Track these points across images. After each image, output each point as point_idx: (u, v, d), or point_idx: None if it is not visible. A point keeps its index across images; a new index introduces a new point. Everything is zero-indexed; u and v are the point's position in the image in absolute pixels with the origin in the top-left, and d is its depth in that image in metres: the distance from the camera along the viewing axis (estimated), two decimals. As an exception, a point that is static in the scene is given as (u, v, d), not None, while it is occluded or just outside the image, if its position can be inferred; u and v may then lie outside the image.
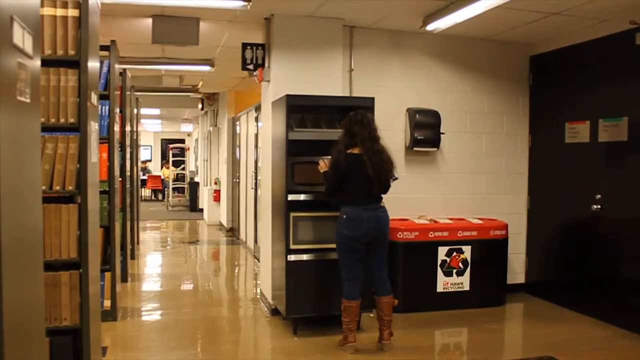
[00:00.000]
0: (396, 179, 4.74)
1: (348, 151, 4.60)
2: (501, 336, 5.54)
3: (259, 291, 6.65)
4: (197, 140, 19.94)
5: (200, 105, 13.50)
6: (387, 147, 4.69)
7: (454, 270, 5.89)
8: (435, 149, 6.21)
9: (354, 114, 4.66)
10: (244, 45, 5.80)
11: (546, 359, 4.57)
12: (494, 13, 5.11)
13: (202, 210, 15.28)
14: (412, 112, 6.11)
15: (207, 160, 15.53)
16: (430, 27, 5.61)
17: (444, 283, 5.87)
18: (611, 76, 5.59)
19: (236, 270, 8.85)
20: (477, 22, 5.48)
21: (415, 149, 6.12)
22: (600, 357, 4.76)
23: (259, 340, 5.45)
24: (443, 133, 6.16)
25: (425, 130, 6.09)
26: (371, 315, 5.23)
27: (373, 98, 5.19)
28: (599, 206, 5.61)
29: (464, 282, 5.92)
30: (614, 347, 4.97)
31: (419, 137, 6.06)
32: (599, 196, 5.61)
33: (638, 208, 5.24)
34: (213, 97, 13.26)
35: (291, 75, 5.61)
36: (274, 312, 5.63)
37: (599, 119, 5.65)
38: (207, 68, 8.13)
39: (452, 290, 5.89)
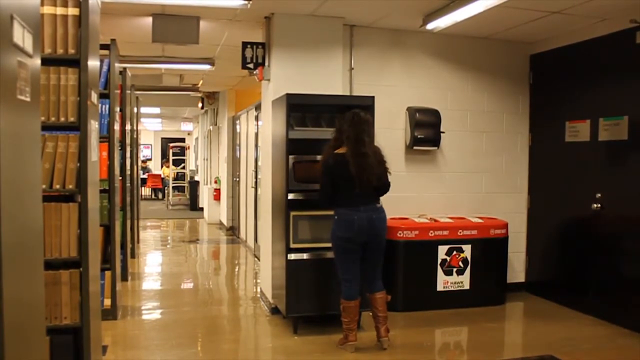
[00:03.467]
0: (384, 183, 4.67)
1: (336, 151, 4.60)
2: (501, 335, 5.53)
3: (259, 290, 6.66)
4: (197, 139, 19.95)
5: (200, 104, 13.50)
6: (378, 150, 4.62)
7: (454, 269, 5.88)
8: (436, 147, 6.20)
9: (347, 113, 4.63)
10: (244, 44, 5.79)
11: (547, 358, 4.57)
12: (494, 12, 5.11)
13: (202, 209, 15.28)
14: (412, 111, 6.11)
15: (207, 159, 15.52)
16: (430, 26, 5.60)
17: (444, 282, 5.87)
18: (611, 75, 5.59)
19: (236, 269, 8.86)
20: (477, 21, 5.47)
21: (415, 147, 6.12)
22: (601, 356, 4.77)
23: (259, 339, 5.45)
24: (443, 132, 6.16)
25: (426, 129, 6.09)
26: (371, 314, 5.23)
27: (373, 97, 5.19)
28: (599, 205, 5.60)
29: (464, 281, 5.92)
30: (615, 346, 4.97)
31: (419, 136, 6.06)
32: (599, 195, 5.61)
33: (638, 207, 5.24)
34: (213, 96, 13.25)
35: (291, 74, 5.61)
36: (274, 311, 5.63)
37: (599, 117, 5.64)
38: (207, 67, 8.13)
39: (452, 289, 5.89)
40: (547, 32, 6.11)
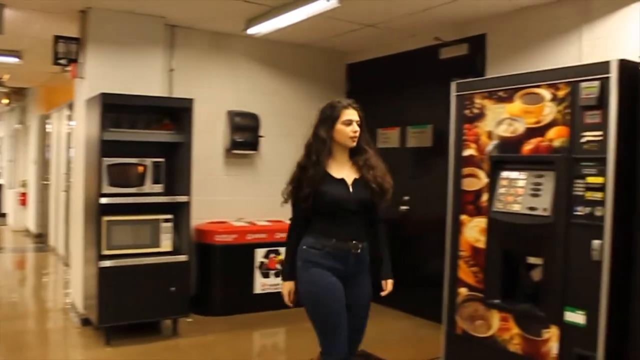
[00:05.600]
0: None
1: None
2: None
3: (69, 301, 6.26)
4: (1, 138, 18.39)
5: (5, 101, 12.47)
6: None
7: (272, 272, 5.98)
8: (255, 151, 6.28)
9: None
10: (56, 38, 5.45)
11: (359, 353, 4.79)
12: (314, 21, 5.26)
13: (6, 215, 14.17)
14: (232, 115, 6.14)
15: (13, 161, 14.40)
16: (252, 30, 5.67)
17: (261, 284, 5.94)
18: (418, 87, 6.03)
19: (44, 279, 8.26)
20: (298, 29, 5.61)
21: (234, 151, 6.15)
22: (405, 346, 5.16)
23: (68, 352, 5.11)
24: (262, 136, 6.25)
25: (245, 133, 6.15)
26: (188, 320, 5.17)
27: (192, 99, 5.15)
28: (407, 207, 6.01)
29: (281, 283, 6.01)
30: (417, 337, 5.40)
31: (238, 140, 6.11)
32: (407, 198, 6.02)
33: (440, 208, 5.66)
34: (21, 92, 12.32)
35: (108, 73, 5.35)
36: (86, 322, 5.33)
37: (407, 126, 6.08)
38: (14, 59, 7.53)
39: (270, 291, 5.95)
40: (362, 44, 6.45)
